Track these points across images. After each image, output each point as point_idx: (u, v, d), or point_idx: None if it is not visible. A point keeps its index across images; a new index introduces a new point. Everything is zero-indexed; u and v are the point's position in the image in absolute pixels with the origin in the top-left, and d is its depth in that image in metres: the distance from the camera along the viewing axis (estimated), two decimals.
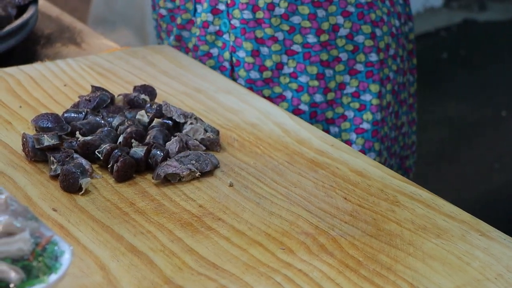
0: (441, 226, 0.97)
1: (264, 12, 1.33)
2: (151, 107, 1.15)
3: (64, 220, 0.95)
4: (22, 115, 1.17)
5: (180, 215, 0.97)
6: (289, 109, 1.36)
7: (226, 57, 1.37)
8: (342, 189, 1.03)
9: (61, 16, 1.63)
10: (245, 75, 1.34)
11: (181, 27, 1.41)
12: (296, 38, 1.33)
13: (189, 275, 0.87)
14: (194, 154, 1.06)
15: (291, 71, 1.35)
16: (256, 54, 1.34)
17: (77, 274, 0.86)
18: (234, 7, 1.34)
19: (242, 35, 1.34)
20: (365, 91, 1.36)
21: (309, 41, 1.33)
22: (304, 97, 1.35)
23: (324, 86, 1.35)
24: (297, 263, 0.90)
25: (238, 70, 1.36)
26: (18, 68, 1.30)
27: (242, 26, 1.34)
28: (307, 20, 1.33)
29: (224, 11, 1.34)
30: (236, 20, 1.33)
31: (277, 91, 1.35)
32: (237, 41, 1.34)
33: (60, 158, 1.03)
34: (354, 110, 1.37)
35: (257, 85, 1.35)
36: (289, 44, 1.34)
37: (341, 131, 1.38)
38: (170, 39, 1.45)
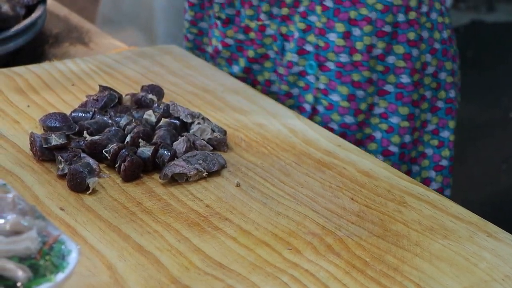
0: (449, 227, 0.97)
1: (362, 55, 1.27)
2: (159, 107, 1.15)
3: (71, 220, 0.95)
4: (30, 114, 1.17)
5: (187, 215, 0.97)
6: (378, 150, 1.30)
7: (308, 99, 1.31)
8: (349, 189, 1.03)
9: (69, 16, 1.63)
10: (339, 119, 1.28)
11: (252, 61, 1.35)
12: (390, 78, 1.28)
13: (196, 274, 0.87)
14: (201, 154, 1.06)
15: (382, 111, 1.29)
16: (352, 98, 1.28)
17: (84, 273, 0.86)
18: (328, 50, 1.27)
19: (337, 78, 1.27)
20: (444, 128, 1.32)
21: (402, 81, 1.28)
22: (394, 138, 1.29)
23: (413, 126, 1.30)
24: (304, 263, 0.90)
25: (331, 113, 1.28)
26: (26, 68, 1.31)
27: (338, 69, 1.27)
28: (402, 60, 1.28)
29: (311, 52, 1.28)
30: (331, 62, 1.27)
31: (367, 132, 1.30)
32: (331, 84, 1.27)
33: (68, 157, 1.03)
34: (433, 147, 1.33)
35: (351, 129, 1.29)
36: (381, 84, 1.28)
37: (421, 170, 1.34)
38: (234, 68, 1.38)
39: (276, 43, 1.30)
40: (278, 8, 1.30)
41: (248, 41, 1.33)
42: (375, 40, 1.26)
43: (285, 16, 1.29)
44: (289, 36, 1.29)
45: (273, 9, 1.30)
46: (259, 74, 1.34)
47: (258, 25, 1.31)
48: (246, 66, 1.35)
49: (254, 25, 1.30)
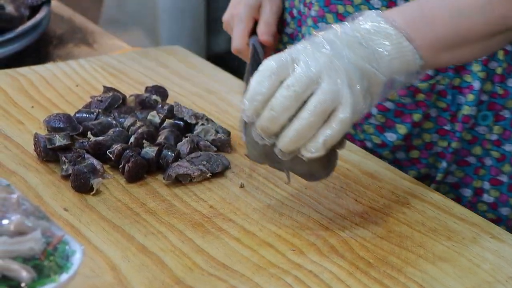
0: (452, 229, 0.97)
1: None
2: (163, 107, 1.15)
3: (75, 220, 0.95)
4: (34, 115, 1.17)
5: (191, 216, 0.97)
6: None
7: (475, 152, 1.15)
8: (353, 190, 1.03)
9: (73, 17, 1.64)
10: (510, 170, 1.14)
11: (416, 125, 1.15)
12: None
13: (199, 275, 0.87)
14: (205, 155, 1.06)
15: None
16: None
17: (87, 274, 0.86)
18: (507, 97, 1.13)
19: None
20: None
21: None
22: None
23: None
24: (308, 264, 0.90)
25: (502, 165, 1.14)
26: (30, 68, 1.31)
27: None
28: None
29: (485, 101, 1.13)
30: (507, 110, 1.13)
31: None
32: (505, 133, 1.13)
33: (72, 158, 1.03)
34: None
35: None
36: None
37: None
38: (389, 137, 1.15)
39: (445, 98, 1.14)
40: None
41: (413, 104, 1.14)
42: None
43: (460, 67, 1.13)
44: (463, 87, 1.14)
45: None
46: (417, 138, 1.16)
47: (430, 85, 1.12)
48: (408, 133, 1.15)
49: (425, 86, 1.12)
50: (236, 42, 1.20)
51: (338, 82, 0.88)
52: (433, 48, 0.95)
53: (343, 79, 0.88)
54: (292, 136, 0.88)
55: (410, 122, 1.14)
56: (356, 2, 1.13)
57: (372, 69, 0.91)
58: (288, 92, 0.88)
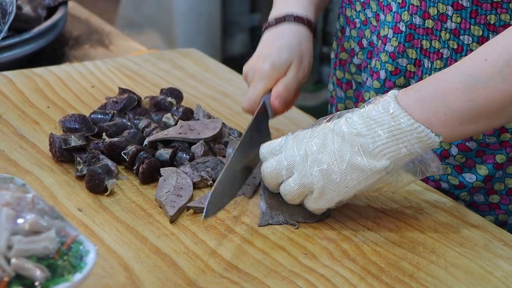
0: (464, 235, 0.97)
1: None
2: (177, 110, 1.16)
3: (89, 220, 0.96)
4: (49, 115, 1.18)
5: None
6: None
7: None
8: (366, 195, 1.03)
9: (90, 18, 1.64)
10: None
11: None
12: None
13: (212, 277, 0.88)
14: (213, 161, 1.06)
15: None
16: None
17: (101, 274, 0.86)
18: None
19: None
20: None
21: None
22: None
23: None
24: (320, 268, 0.90)
25: None
26: (47, 69, 1.32)
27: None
28: None
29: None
30: None
31: None
32: None
33: (87, 158, 1.04)
34: None
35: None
36: None
37: None
38: None
39: None
40: None
41: (497, 144, 1.08)
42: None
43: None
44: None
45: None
46: (499, 181, 1.10)
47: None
48: (489, 175, 1.09)
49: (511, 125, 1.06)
50: (249, 101, 1.09)
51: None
52: (452, 124, 0.90)
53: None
54: None
55: (492, 163, 1.08)
56: (444, 38, 1.05)
57: (361, 161, 0.92)
58: (286, 197, 0.97)
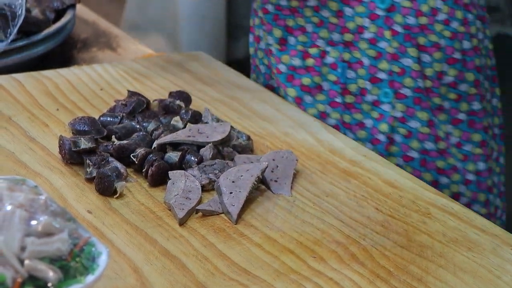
0: (473, 239, 0.97)
1: (433, 81, 1.25)
2: (186, 113, 1.16)
3: (98, 222, 0.96)
4: (59, 117, 1.18)
5: (212, 221, 0.98)
6: (460, 180, 1.27)
7: (382, 128, 1.26)
8: (374, 199, 1.04)
9: (97, 21, 1.65)
10: (419, 146, 1.25)
11: (306, 89, 1.28)
12: (462, 106, 1.26)
13: (221, 280, 0.88)
14: (220, 164, 1.07)
15: (457, 140, 1.27)
16: (431, 124, 1.25)
17: (111, 276, 0.87)
18: (405, 75, 1.23)
19: (416, 104, 1.25)
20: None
21: (474, 108, 1.27)
22: (469, 166, 1.27)
23: (486, 153, 1.28)
24: (328, 272, 0.90)
25: (410, 141, 1.26)
26: (56, 71, 1.32)
27: (417, 95, 1.24)
28: (473, 86, 1.26)
29: (385, 80, 1.24)
30: (407, 89, 1.24)
31: (450, 162, 1.27)
32: (409, 111, 1.25)
33: (96, 161, 1.04)
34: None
35: (431, 156, 1.26)
36: (454, 113, 1.27)
37: (494, 198, 1.31)
38: (288, 99, 1.31)
39: (334, 71, 1.24)
40: (340, 34, 1.24)
41: (302, 69, 1.26)
42: (446, 67, 1.24)
43: (348, 42, 1.23)
44: (352, 63, 1.23)
45: (333, 35, 1.24)
46: (311, 107, 1.28)
47: (319, 51, 1.23)
48: (297, 96, 1.27)
49: (314, 51, 1.23)
50: None
51: None
52: None
53: None
54: None
55: (299, 85, 1.22)
56: None
57: None
58: None
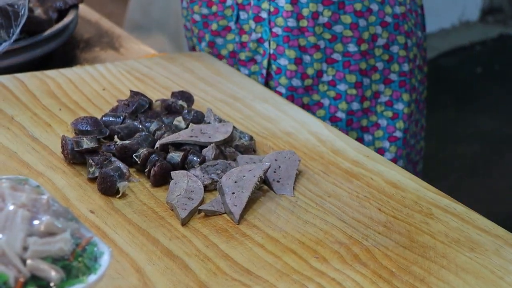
0: (475, 240, 0.97)
1: (308, 21, 1.34)
2: (189, 113, 1.16)
3: (101, 222, 0.96)
4: (61, 117, 1.18)
5: (215, 221, 0.98)
6: (326, 116, 1.38)
7: (264, 64, 1.39)
8: (377, 200, 1.04)
9: (100, 21, 1.65)
10: (287, 82, 1.36)
11: (216, 34, 1.42)
12: (337, 47, 1.36)
13: (223, 280, 0.88)
14: (222, 164, 1.07)
15: (330, 79, 1.37)
16: (298, 62, 1.35)
17: (113, 275, 0.87)
18: (277, 15, 1.35)
19: (285, 43, 1.35)
20: (398, 100, 1.39)
21: (349, 50, 1.36)
22: (341, 105, 1.37)
23: (361, 94, 1.38)
24: (331, 272, 0.90)
25: (279, 77, 1.37)
26: (59, 71, 1.32)
27: (286, 34, 1.35)
28: (349, 29, 1.35)
29: (266, 19, 1.35)
30: (279, 28, 1.35)
31: (315, 98, 1.38)
32: (279, 48, 1.36)
33: (99, 161, 1.04)
34: (388, 118, 1.39)
35: (298, 93, 1.37)
36: (329, 53, 1.36)
37: (374, 139, 1.40)
38: (202, 45, 1.46)
39: (234, 13, 1.37)
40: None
41: (211, 15, 1.40)
42: (321, 8, 1.34)
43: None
44: (245, 5, 1.37)
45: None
46: (222, 47, 1.41)
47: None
48: (210, 40, 1.41)
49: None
50: None
51: None
52: None
53: None
54: None
55: (210, 30, 1.39)
56: None
57: None
58: None
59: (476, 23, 4.04)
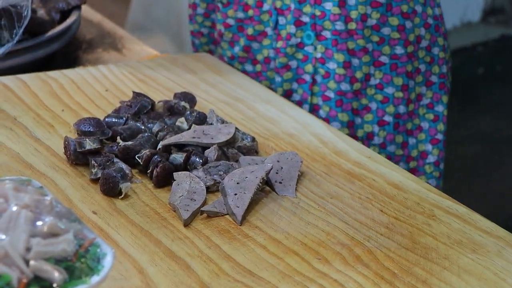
0: (477, 241, 0.97)
1: (357, 23, 1.32)
2: (191, 114, 1.16)
3: (103, 223, 0.96)
4: (64, 118, 1.18)
5: (217, 222, 0.98)
6: (374, 120, 1.36)
7: (307, 69, 1.35)
8: (379, 201, 1.04)
9: (102, 22, 1.65)
10: (335, 86, 1.34)
11: (251, 38, 1.40)
12: (385, 49, 1.34)
13: (225, 281, 0.88)
14: (225, 165, 1.07)
15: (377, 82, 1.35)
16: (347, 66, 1.33)
17: (116, 276, 0.87)
18: (324, 18, 1.32)
19: (334, 46, 1.33)
20: (438, 102, 1.38)
21: (396, 52, 1.34)
22: (389, 109, 1.36)
23: (407, 97, 1.37)
24: (333, 273, 0.90)
25: (327, 82, 1.34)
26: (61, 72, 1.32)
27: (334, 37, 1.33)
28: (396, 31, 1.34)
29: (308, 23, 1.33)
30: (327, 31, 1.33)
31: (364, 102, 1.36)
32: (328, 52, 1.33)
33: (101, 162, 1.04)
34: (429, 121, 1.39)
35: (347, 97, 1.35)
36: (377, 55, 1.34)
37: (418, 142, 1.39)
38: (235, 49, 1.42)
39: (271, 18, 1.35)
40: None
41: (247, 20, 1.38)
42: (369, 10, 1.32)
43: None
44: (284, 10, 1.34)
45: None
46: (258, 52, 1.39)
47: (255, 1, 1.36)
48: (246, 45, 1.39)
49: (251, 2, 1.36)
50: None
51: None
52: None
53: None
54: None
55: (245, 35, 1.38)
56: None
57: None
58: None
59: (478, 23, 4.04)
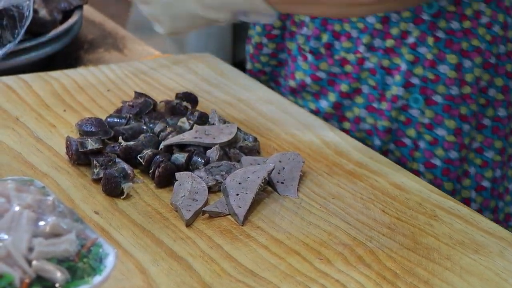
0: (479, 242, 0.97)
1: (471, 87, 1.21)
2: (193, 114, 1.16)
3: (105, 223, 0.96)
4: (66, 118, 1.19)
5: (219, 222, 0.98)
6: (472, 185, 1.25)
7: (409, 133, 1.23)
8: (380, 201, 1.04)
9: (104, 22, 1.65)
10: (443, 154, 1.22)
11: (345, 95, 1.28)
12: (488, 112, 1.24)
13: (227, 281, 0.88)
14: (227, 165, 1.07)
15: (478, 145, 1.24)
16: (458, 133, 1.22)
17: (118, 276, 0.87)
18: (438, 82, 1.21)
19: (445, 112, 1.21)
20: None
21: (499, 114, 1.24)
22: (487, 173, 1.25)
23: (504, 160, 1.26)
24: (335, 274, 0.90)
25: (435, 149, 1.23)
26: (63, 72, 1.32)
27: (447, 102, 1.21)
28: (501, 92, 1.23)
29: (417, 85, 1.22)
30: (439, 96, 1.21)
31: (465, 168, 1.25)
32: (437, 118, 1.22)
33: (103, 162, 1.04)
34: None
35: (455, 165, 1.23)
36: (480, 118, 1.23)
37: (505, 205, 1.29)
38: (321, 103, 1.30)
39: (374, 77, 1.24)
40: (382, 40, 1.22)
41: (342, 75, 1.26)
42: (482, 72, 1.22)
43: (389, 48, 1.22)
44: (391, 69, 1.23)
45: (374, 41, 1.23)
46: (348, 110, 1.27)
47: (357, 58, 1.24)
48: (337, 101, 1.27)
49: (352, 58, 1.24)
50: None
51: None
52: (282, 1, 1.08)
53: None
54: None
55: (339, 91, 1.26)
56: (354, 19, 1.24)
57: None
58: None
59: None
